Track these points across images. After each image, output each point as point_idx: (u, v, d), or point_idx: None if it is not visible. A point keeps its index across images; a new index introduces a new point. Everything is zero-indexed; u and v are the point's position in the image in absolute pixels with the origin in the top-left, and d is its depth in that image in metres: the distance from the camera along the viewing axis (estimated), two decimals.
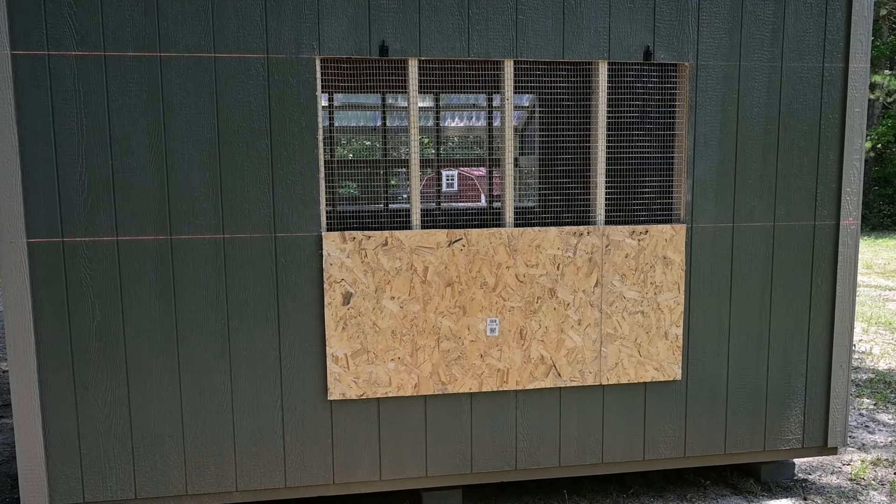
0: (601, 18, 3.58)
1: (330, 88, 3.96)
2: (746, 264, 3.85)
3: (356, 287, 3.48)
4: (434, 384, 3.60)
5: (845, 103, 3.84)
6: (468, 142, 9.00)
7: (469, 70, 4.03)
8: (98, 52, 3.20)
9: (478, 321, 3.61)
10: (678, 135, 3.78)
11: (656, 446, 3.88)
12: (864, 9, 3.78)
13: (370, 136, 8.11)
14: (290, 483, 3.53)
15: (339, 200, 5.99)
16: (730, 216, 3.81)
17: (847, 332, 3.97)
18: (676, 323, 3.80)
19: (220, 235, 3.36)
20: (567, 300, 3.68)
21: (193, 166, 3.32)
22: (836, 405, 4.01)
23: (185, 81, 3.28)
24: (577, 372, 3.73)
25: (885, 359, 6.96)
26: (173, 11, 3.24)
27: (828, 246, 3.92)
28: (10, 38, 3.12)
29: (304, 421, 3.52)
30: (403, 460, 3.64)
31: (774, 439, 3.99)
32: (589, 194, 3.77)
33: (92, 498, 3.40)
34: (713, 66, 3.71)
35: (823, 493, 4.09)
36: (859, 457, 4.62)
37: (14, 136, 3.15)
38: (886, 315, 8.82)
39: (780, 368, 3.95)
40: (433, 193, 6.18)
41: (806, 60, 3.79)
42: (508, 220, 3.63)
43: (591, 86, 3.71)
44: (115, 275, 3.31)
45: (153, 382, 3.38)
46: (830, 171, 3.88)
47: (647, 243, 3.73)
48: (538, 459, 3.78)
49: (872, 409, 5.56)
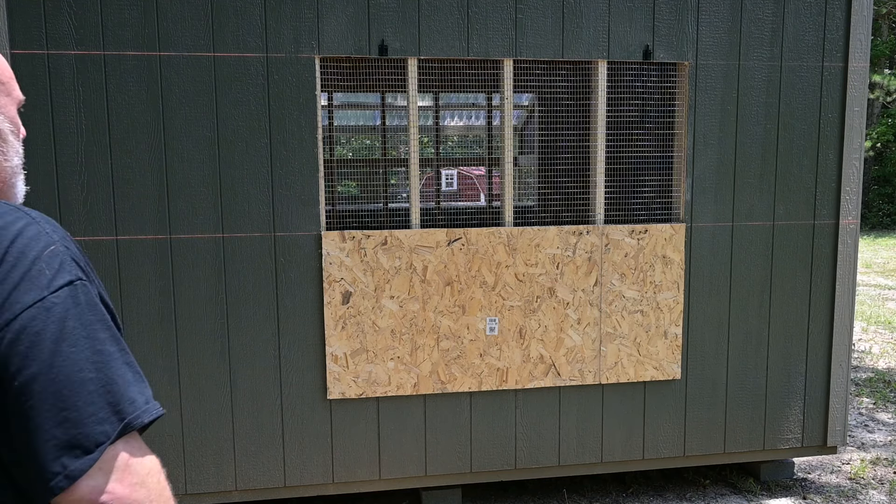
0: (600, 18, 3.58)
1: (329, 87, 3.96)
2: (746, 263, 3.85)
3: (355, 286, 3.48)
4: (433, 383, 3.60)
5: (845, 102, 3.84)
6: (467, 141, 9.00)
7: (468, 69, 4.04)
8: (97, 52, 3.20)
9: (477, 320, 3.61)
10: (677, 134, 3.78)
11: (656, 446, 3.89)
12: (864, 8, 3.78)
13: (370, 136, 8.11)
14: (290, 482, 3.53)
15: (339, 200, 5.99)
16: (729, 215, 3.81)
17: (846, 331, 3.98)
18: (676, 322, 3.80)
19: (219, 235, 3.36)
20: (566, 299, 3.68)
21: (193, 166, 3.32)
22: (836, 404, 4.01)
23: (184, 81, 3.28)
24: (577, 371, 3.73)
25: (885, 358, 6.96)
26: (173, 11, 3.24)
27: (827, 245, 3.92)
28: (9, 38, 3.12)
29: (304, 420, 3.52)
30: (403, 460, 3.65)
31: (774, 438, 3.99)
32: (588, 193, 3.77)
33: None
34: (712, 66, 3.71)
35: (823, 493, 4.10)
36: (859, 456, 4.62)
37: None
38: (886, 314, 8.83)
39: (780, 368, 3.95)
40: (433, 192, 6.19)
41: (805, 60, 3.79)
42: (508, 219, 3.63)
43: (591, 85, 3.71)
44: (115, 274, 3.31)
45: (152, 381, 3.38)
46: (830, 171, 3.88)
47: (646, 242, 3.73)
48: (538, 459, 3.78)
49: (872, 408, 5.57)
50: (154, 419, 0.94)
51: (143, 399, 0.93)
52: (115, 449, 0.89)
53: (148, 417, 0.92)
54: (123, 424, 0.90)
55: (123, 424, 0.90)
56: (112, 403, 0.89)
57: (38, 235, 0.91)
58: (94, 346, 0.90)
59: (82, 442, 0.86)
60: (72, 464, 0.85)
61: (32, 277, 0.88)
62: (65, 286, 0.90)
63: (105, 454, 0.88)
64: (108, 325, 0.93)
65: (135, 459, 0.91)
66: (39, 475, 0.85)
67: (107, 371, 0.90)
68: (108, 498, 0.87)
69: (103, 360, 0.91)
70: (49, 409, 0.85)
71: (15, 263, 0.88)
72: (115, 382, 0.91)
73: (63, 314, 0.89)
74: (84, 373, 0.88)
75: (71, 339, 0.88)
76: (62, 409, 0.86)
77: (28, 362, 0.85)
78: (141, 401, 0.92)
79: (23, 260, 0.89)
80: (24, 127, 3.32)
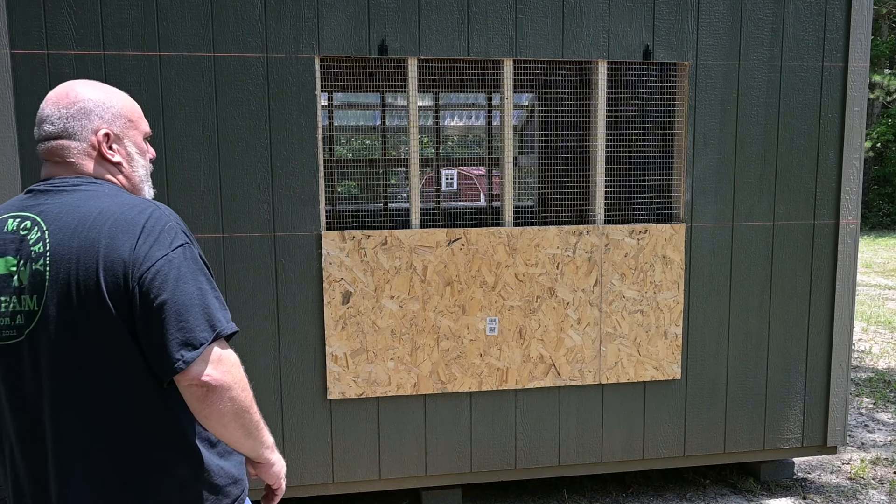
0: (600, 17, 3.58)
1: (329, 87, 3.96)
2: (746, 263, 3.85)
3: (355, 286, 3.48)
4: (433, 383, 3.60)
5: (845, 102, 3.84)
6: (468, 141, 9.00)
7: (468, 69, 4.04)
8: (97, 52, 3.20)
9: (477, 320, 3.61)
10: (677, 134, 3.78)
11: (656, 445, 3.89)
12: (864, 8, 3.78)
13: (370, 136, 8.11)
14: (290, 482, 3.53)
15: (339, 199, 5.99)
16: (729, 215, 3.81)
17: (846, 330, 3.98)
18: (676, 322, 3.80)
19: (219, 234, 3.36)
20: (566, 299, 3.68)
21: (193, 166, 3.32)
22: (836, 404, 4.01)
23: (184, 81, 3.28)
24: (577, 371, 3.73)
25: (885, 358, 6.96)
26: (173, 11, 3.24)
27: (827, 245, 3.92)
28: (9, 38, 3.12)
29: (304, 420, 3.52)
30: (403, 459, 3.65)
31: (774, 438, 4.00)
32: (588, 193, 3.77)
33: None
34: (712, 66, 3.71)
35: (823, 492, 4.10)
36: (859, 456, 4.62)
37: (14, 135, 3.15)
38: (886, 314, 8.83)
39: (780, 367, 3.95)
40: (432, 192, 6.18)
41: (805, 60, 3.79)
42: (508, 219, 3.63)
43: (591, 85, 3.71)
44: None
45: None
46: (830, 171, 3.88)
47: (646, 242, 3.73)
48: (538, 458, 3.78)
49: (872, 408, 5.57)
50: (233, 333, 1.46)
51: (226, 320, 1.46)
52: (211, 347, 1.41)
53: (230, 330, 1.45)
54: (216, 333, 1.42)
55: (216, 333, 1.42)
56: (208, 320, 1.42)
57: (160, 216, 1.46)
58: (197, 284, 1.43)
59: (192, 342, 1.39)
60: (186, 354, 1.38)
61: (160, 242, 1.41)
62: (178, 247, 1.43)
63: (205, 350, 1.40)
64: (204, 272, 1.47)
65: (224, 355, 1.44)
66: (167, 361, 1.38)
67: (204, 300, 1.42)
68: (207, 378, 1.40)
69: (202, 293, 1.43)
70: (173, 321, 1.38)
71: (149, 233, 1.42)
72: (210, 307, 1.43)
73: (179, 264, 1.41)
74: (192, 300, 1.40)
75: (184, 279, 1.41)
76: (181, 321, 1.38)
77: (160, 292, 1.38)
78: (225, 320, 1.45)
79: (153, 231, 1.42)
80: (23, 127, 3.32)
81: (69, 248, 1.40)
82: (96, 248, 1.39)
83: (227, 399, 1.42)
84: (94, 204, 1.45)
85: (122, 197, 1.49)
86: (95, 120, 1.54)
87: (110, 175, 1.56)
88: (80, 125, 1.53)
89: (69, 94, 1.54)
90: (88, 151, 1.53)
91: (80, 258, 1.39)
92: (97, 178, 1.53)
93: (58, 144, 1.52)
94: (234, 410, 1.44)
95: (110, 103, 1.57)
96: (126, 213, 1.43)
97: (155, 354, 1.39)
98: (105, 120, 1.55)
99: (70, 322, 1.40)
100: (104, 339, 1.40)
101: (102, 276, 1.38)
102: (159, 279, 1.38)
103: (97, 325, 1.39)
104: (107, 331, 1.40)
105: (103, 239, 1.39)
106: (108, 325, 1.39)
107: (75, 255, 1.39)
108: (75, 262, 1.39)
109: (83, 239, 1.40)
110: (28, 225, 1.44)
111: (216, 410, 1.42)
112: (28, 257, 1.42)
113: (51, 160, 1.54)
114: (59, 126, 1.52)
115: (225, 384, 1.41)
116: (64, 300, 1.39)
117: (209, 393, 1.40)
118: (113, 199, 1.47)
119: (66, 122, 1.52)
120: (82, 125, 1.53)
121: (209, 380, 1.39)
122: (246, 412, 1.47)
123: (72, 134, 1.52)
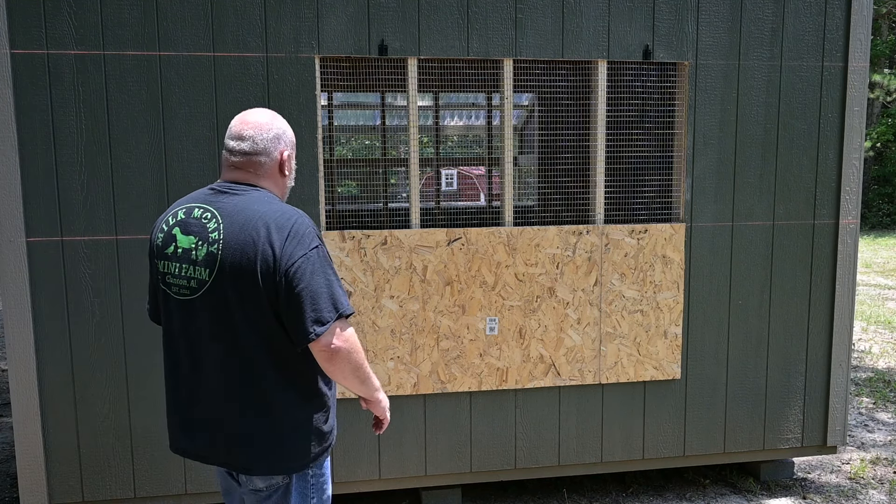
0: (600, 17, 3.58)
1: (329, 87, 3.96)
2: (746, 263, 3.85)
3: (355, 286, 3.48)
4: (433, 383, 3.60)
5: (844, 102, 3.84)
6: (467, 141, 8.99)
7: (468, 69, 4.04)
8: (97, 52, 3.20)
9: (477, 320, 3.61)
10: (677, 134, 3.78)
11: (656, 445, 3.89)
12: (864, 8, 3.79)
13: (370, 136, 8.11)
14: None
15: (339, 199, 5.99)
16: (729, 215, 3.81)
17: (846, 330, 3.98)
18: (676, 322, 3.80)
19: None
20: (566, 299, 3.68)
21: (193, 166, 3.32)
22: (836, 404, 4.01)
23: (184, 80, 3.28)
24: (577, 371, 3.73)
25: (885, 357, 6.96)
26: (173, 11, 3.24)
27: (827, 245, 3.92)
28: (9, 37, 3.12)
29: None
30: (403, 459, 3.65)
31: (774, 438, 4.00)
32: (588, 193, 3.77)
33: (91, 497, 3.40)
34: (712, 65, 3.71)
35: (823, 492, 4.10)
36: (858, 455, 4.62)
37: (13, 134, 3.15)
38: (886, 314, 8.83)
39: (780, 367, 3.95)
40: (432, 192, 6.18)
41: (805, 59, 3.79)
42: (508, 219, 3.63)
43: (591, 85, 3.71)
44: (115, 274, 3.31)
45: (152, 381, 3.38)
46: (830, 171, 3.88)
47: (646, 242, 3.73)
48: (537, 458, 3.78)
49: (872, 407, 5.57)
50: (351, 313, 1.98)
51: (346, 303, 1.97)
52: (335, 324, 1.93)
53: (349, 311, 1.97)
54: (339, 314, 1.94)
55: (339, 314, 1.94)
56: (334, 303, 1.93)
57: (302, 223, 1.96)
58: (326, 276, 1.94)
59: (322, 319, 1.91)
60: (318, 329, 1.90)
61: (302, 243, 1.92)
62: (314, 248, 1.93)
63: (331, 325, 1.92)
64: (331, 266, 1.98)
65: (344, 328, 1.95)
66: (303, 332, 1.90)
67: (331, 288, 1.94)
68: (334, 346, 1.93)
69: (330, 283, 1.94)
70: (308, 303, 1.89)
71: (293, 236, 1.92)
72: (335, 294, 1.94)
73: (314, 261, 1.92)
74: (322, 288, 1.92)
75: (317, 272, 1.92)
76: (314, 303, 1.90)
77: (299, 282, 1.89)
78: (345, 304, 1.96)
79: (297, 234, 1.92)
80: (23, 127, 3.33)
81: (237, 239, 1.91)
82: (256, 243, 1.90)
83: (346, 360, 1.97)
84: (256, 208, 1.96)
85: (276, 204, 2.00)
86: (282, 144, 2.08)
87: (274, 184, 2.09)
88: (274, 146, 2.06)
89: (266, 122, 2.06)
90: (274, 167, 2.07)
91: (244, 249, 1.90)
92: (262, 186, 2.06)
93: (257, 160, 2.04)
94: (352, 367, 2.00)
95: (290, 132, 2.13)
96: (278, 218, 1.94)
97: (294, 328, 1.91)
98: (287, 144, 2.10)
99: (231, 292, 1.92)
100: (253, 307, 1.92)
101: (259, 264, 1.89)
102: (299, 272, 1.89)
103: (250, 298, 1.91)
104: (256, 302, 1.92)
105: (262, 237, 1.90)
106: (258, 299, 1.91)
107: (241, 246, 1.91)
108: (240, 250, 1.90)
109: (248, 234, 1.91)
110: (209, 216, 1.98)
111: (339, 368, 1.98)
112: (206, 240, 1.95)
113: (243, 168, 2.04)
114: (260, 146, 2.04)
115: (345, 349, 1.95)
116: (228, 277, 1.92)
117: (334, 355, 1.94)
118: (269, 205, 1.98)
119: (267, 144, 2.04)
120: (275, 146, 2.06)
121: (334, 347, 1.92)
122: (360, 368, 2.02)
123: (268, 153, 2.05)
